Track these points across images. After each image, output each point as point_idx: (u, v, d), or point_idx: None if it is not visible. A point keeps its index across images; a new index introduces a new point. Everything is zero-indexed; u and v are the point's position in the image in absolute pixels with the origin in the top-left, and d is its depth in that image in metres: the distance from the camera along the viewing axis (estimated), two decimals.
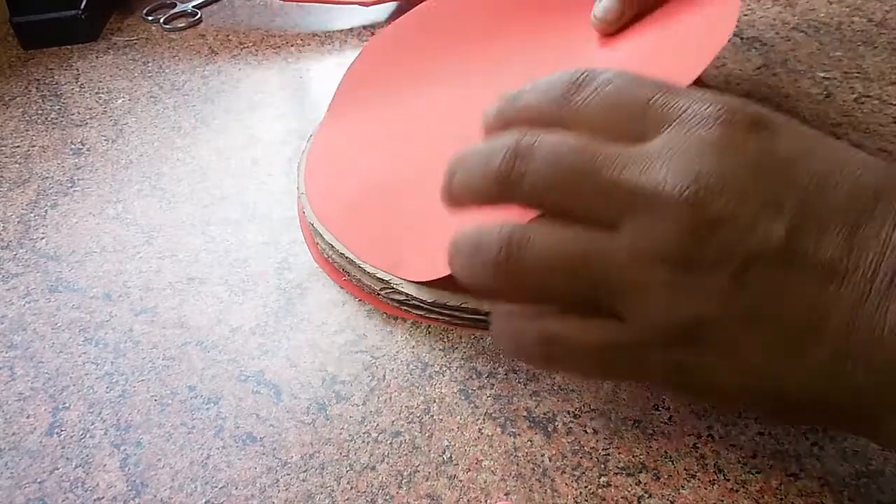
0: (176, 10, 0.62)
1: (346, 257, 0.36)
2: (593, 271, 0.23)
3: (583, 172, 0.23)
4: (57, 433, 0.32)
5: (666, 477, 0.28)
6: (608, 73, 0.25)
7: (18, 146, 0.49)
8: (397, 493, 0.28)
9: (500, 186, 0.24)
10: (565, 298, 0.25)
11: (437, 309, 0.34)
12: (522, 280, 0.25)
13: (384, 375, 0.33)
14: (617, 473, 0.28)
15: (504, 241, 0.24)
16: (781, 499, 0.27)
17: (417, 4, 0.59)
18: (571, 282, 0.24)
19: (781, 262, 0.21)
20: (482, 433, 0.30)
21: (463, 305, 0.33)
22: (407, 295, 0.34)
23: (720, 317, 0.22)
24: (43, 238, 0.42)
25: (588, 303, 0.24)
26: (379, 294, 0.35)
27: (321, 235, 0.38)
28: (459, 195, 0.26)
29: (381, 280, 0.35)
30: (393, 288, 0.35)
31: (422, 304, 0.34)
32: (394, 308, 0.35)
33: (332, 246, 0.37)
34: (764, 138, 0.22)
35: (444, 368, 0.33)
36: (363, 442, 0.30)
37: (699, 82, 0.46)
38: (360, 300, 0.36)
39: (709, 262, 0.21)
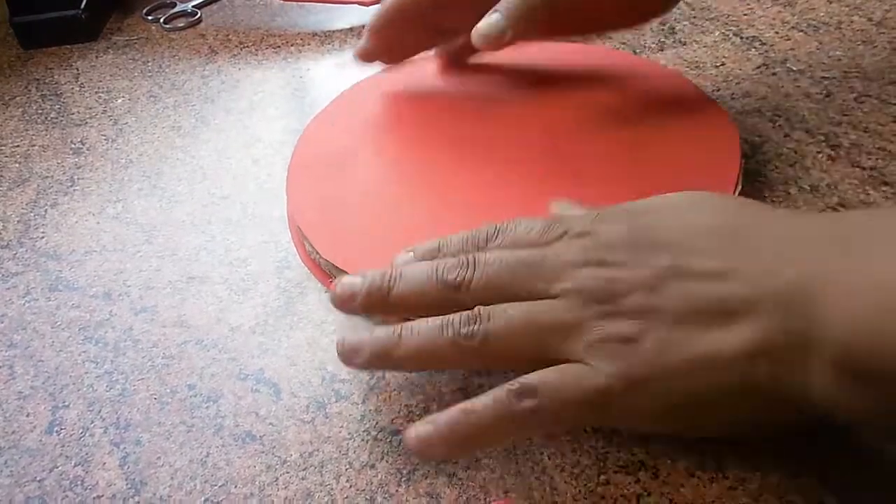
0: (176, 9, 0.62)
1: (331, 262, 0.36)
2: (549, 330, 0.27)
3: (518, 266, 0.29)
4: (56, 431, 0.32)
5: (665, 475, 0.28)
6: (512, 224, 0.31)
7: (18, 146, 0.49)
8: (397, 490, 0.28)
9: (448, 292, 0.29)
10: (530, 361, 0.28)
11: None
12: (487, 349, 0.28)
13: (384, 374, 0.33)
14: (616, 471, 0.28)
15: (472, 318, 0.28)
16: (781, 497, 0.27)
17: None
18: (534, 343, 0.28)
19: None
20: None
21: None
22: None
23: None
24: (43, 237, 0.42)
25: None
26: None
27: (307, 238, 0.37)
28: (401, 304, 0.30)
29: None
30: None
31: None
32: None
33: (318, 250, 0.37)
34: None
35: None
36: (363, 440, 0.30)
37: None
38: None
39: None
